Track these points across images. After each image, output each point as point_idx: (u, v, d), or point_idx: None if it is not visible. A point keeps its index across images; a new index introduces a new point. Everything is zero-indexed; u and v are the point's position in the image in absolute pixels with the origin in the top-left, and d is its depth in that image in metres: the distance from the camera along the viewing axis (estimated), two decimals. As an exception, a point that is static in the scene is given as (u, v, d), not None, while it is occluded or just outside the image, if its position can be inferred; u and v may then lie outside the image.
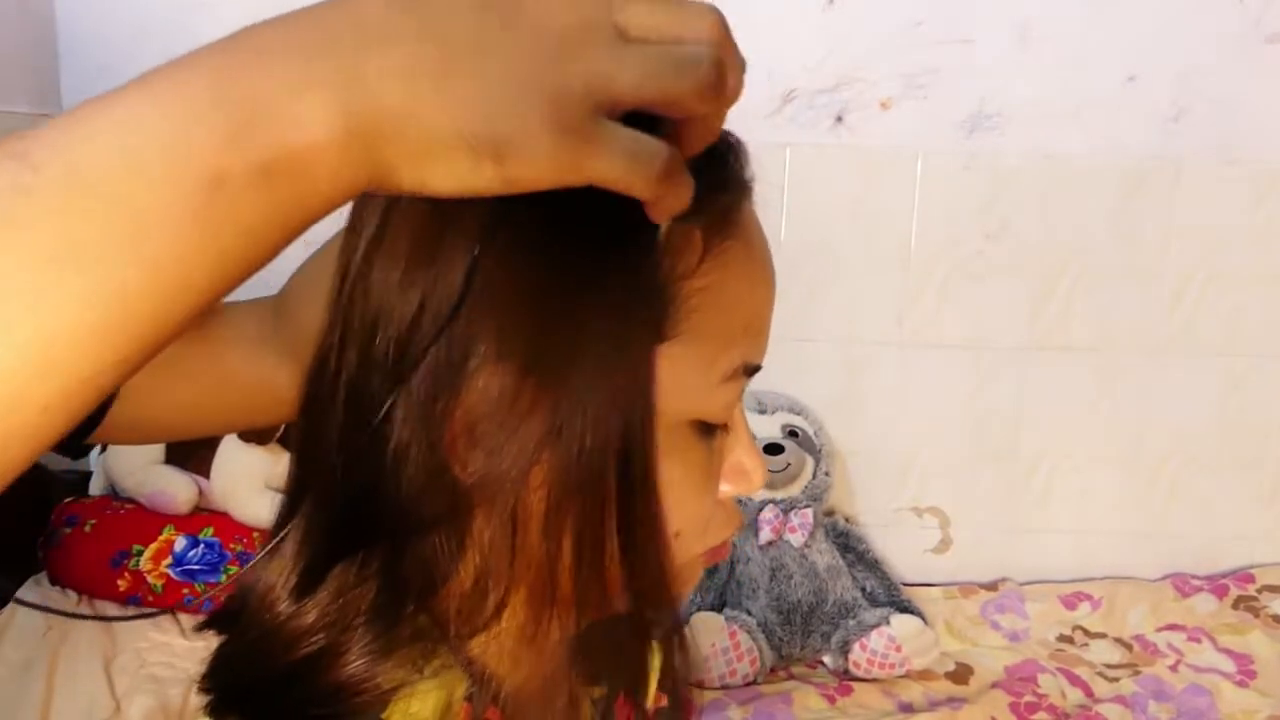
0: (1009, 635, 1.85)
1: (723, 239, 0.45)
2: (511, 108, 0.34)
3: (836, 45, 1.84)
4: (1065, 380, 1.94)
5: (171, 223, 0.31)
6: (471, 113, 0.34)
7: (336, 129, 0.33)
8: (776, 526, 1.78)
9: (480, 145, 0.34)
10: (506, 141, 0.34)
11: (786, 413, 1.89)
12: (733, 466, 0.49)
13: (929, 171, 1.88)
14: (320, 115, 0.33)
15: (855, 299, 1.92)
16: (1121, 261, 1.90)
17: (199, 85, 0.32)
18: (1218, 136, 1.86)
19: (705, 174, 0.44)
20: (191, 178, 0.31)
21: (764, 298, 0.48)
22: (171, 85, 0.32)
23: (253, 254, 0.34)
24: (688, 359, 0.44)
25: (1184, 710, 1.65)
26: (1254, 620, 1.85)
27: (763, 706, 1.60)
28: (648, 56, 0.35)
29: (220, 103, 0.32)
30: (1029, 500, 1.99)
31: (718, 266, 0.44)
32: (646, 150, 0.36)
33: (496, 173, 0.35)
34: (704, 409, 0.46)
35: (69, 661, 1.48)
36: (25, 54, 1.74)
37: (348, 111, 0.33)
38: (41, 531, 1.68)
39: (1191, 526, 1.99)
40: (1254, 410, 1.95)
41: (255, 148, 0.32)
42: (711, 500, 0.48)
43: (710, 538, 0.49)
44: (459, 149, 0.35)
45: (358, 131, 0.34)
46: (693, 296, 0.44)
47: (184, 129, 0.32)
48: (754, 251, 0.47)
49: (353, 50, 0.34)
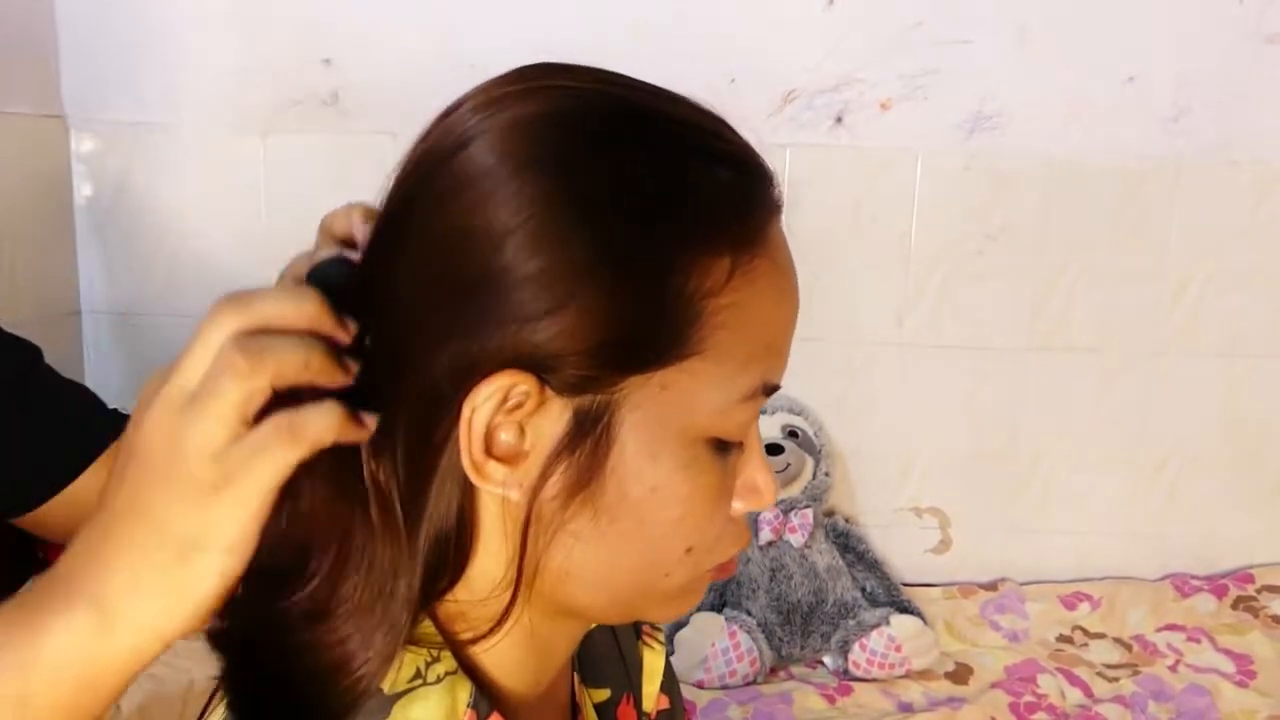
0: (1009, 635, 1.85)
1: (751, 258, 0.45)
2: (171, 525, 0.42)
3: (836, 46, 1.84)
4: (1065, 380, 1.94)
5: None
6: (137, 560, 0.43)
7: None
8: (776, 527, 1.78)
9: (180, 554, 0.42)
10: (193, 544, 0.42)
11: (786, 413, 1.89)
12: (745, 483, 0.49)
13: (929, 172, 1.88)
14: None
15: (855, 299, 1.92)
16: (1121, 261, 1.90)
17: None
18: (1218, 136, 1.86)
19: (736, 195, 0.45)
20: None
21: (788, 317, 0.48)
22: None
23: None
24: (710, 376, 0.44)
25: (1184, 710, 1.65)
26: (1253, 620, 1.85)
27: (763, 706, 1.60)
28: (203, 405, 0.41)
29: None
30: (1029, 500, 1.99)
31: (745, 285, 0.44)
32: (263, 441, 0.41)
33: (215, 554, 0.42)
34: (722, 427, 0.46)
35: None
36: (25, 54, 1.74)
37: None
38: (42, 531, 1.68)
39: (1191, 526, 1.99)
40: (1254, 410, 1.95)
41: None
42: (723, 517, 0.48)
43: (720, 553, 0.49)
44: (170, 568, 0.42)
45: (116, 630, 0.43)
46: (718, 314, 0.44)
47: None
48: (780, 271, 0.47)
49: None
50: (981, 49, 1.84)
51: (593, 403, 0.43)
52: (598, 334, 0.42)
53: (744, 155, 0.47)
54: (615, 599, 0.48)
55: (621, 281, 0.42)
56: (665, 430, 0.44)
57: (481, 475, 0.44)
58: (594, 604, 0.49)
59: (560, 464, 0.44)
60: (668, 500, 0.45)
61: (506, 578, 0.46)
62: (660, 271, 0.43)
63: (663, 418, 0.44)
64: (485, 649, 0.48)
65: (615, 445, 0.44)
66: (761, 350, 0.46)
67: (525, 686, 0.51)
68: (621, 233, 0.42)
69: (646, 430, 0.44)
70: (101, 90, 1.82)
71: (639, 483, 0.44)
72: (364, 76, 1.82)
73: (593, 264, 0.42)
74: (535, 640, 0.50)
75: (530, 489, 0.44)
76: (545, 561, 0.46)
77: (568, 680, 0.58)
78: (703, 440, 0.45)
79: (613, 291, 0.42)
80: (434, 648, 0.46)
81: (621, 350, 0.43)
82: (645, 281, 0.42)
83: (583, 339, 0.42)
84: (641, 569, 0.47)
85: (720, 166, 0.45)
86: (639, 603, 0.49)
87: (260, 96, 1.83)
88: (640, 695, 0.64)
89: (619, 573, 0.47)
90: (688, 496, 0.45)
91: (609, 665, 0.62)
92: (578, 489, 0.44)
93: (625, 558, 0.46)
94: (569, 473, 0.44)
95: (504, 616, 0.46)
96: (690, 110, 0.47)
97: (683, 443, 0.45)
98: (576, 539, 0.45)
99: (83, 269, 1.89)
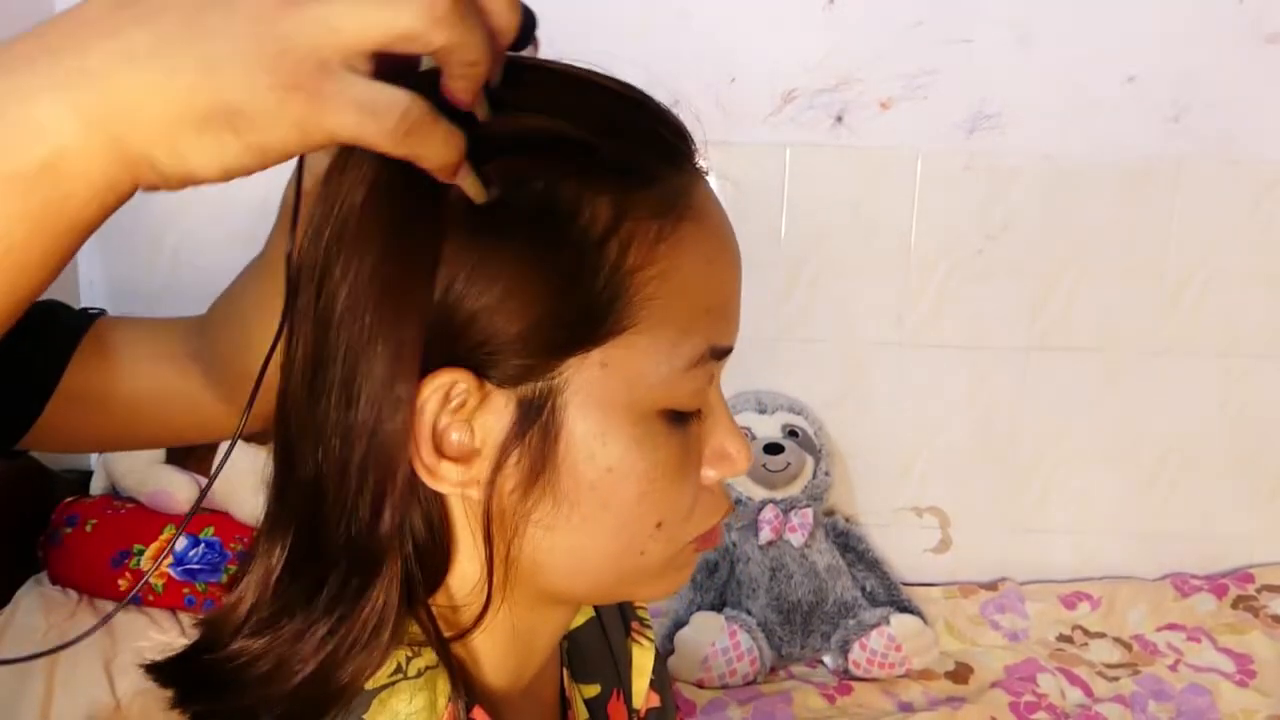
0: (1009, 635, 1.85)
1: (676, 222, 0.44)
2: (236, 75, 0.34)
3: (836, 45, 1.84)
4: (1065, 380, 1.94)
5: None
6: (197, 85, 0.34)
7: (71, 126, 0.34)
8: (776, 526, 1.78)
9: (213, 117, 0.34)
10: (237, 111, 0.34)
11: (786, 413, 1.89)
12: (714, 450, 0.48)
13: (929, 171, 1.88)
14: (52, 116, 0.34)
15: (855, 299, 1.92)
16: (1121, 261, 1.90)
17: None
18: (1218, 136, 1.86)
19: (653, 159, 0.44)
20: None
21: (726, 278, 0.47)
22: None
23: (27, 259, 0.35)
24: (648, 348, 0.44)
25: (1183, 710, 1.65)
26: (1254, 620, 1.86)
27: (763, 706, 1.61)
28: None
29: None
30: (1029, 500, 1.99)
31: (671, 252, 0.44)
32: (382, 100, 0.35)
33: (239, 143, 0.35)
34: (671, 397, 0.45)
35: (69, 661, 1.48)
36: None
37: (78, 106, 0.34)
38: (42, 531, 1.68)
39: (1191, 526, 1.99)
40: (1254, 410, 1.95)
41: None
42: (692, 487, 0.48)
43: (697, 525, 0.49)
44: (196, 124, 0.34)
45: (96, 124, 0.34)
46: (647, 285, 0.43)
47: None
48: (710, 233, 0.46)
49: (76, 49, 0.34)
50: (981, 49, 1.84)
51: (534, 390, 0.43)
52: (525, 320, 0.42)
53: (657, 122, 0.46)
54: (595, 582, 0.48)
55: (542, 262, 0.41)
56: (612, 408, 0.44)
57: (435, 477, 0.43)
58: (574, 589, 0.49)
59: (511, 456, 0.43)
60: (626, 478, 0.44)
61: (482, 576, 0.46)
62: (580, 249, 0.42)
63: (608, 396, 0.43)
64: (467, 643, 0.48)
65: (564, 430, 0.43)
66: (702, 314, 0.45)
67: (509, 680, 0.51)
68: (536, 214, 0.42)
69: (593, 411, 0.43)
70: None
71: (593, 465, 0.44)
72: (364, 76, 1.82)
73: (512, 250, 0.41)
74: (518, 632, 0.50)
75: (487, 485, 0.44)
76: (516, 555, 0.45)
77: (556, 675, 0.58)
78: (654, 413, 0.45)
79: (534, 274, 0.41)
80: (415, 644, 0.46)
81: (552, 333, 0.42)
82: (566, 261, 0.42)
83: (511, 327, 0.42)
84: (614, 550, 0.46)
85: (632, 137, 0.44)
86: (620, 583, 0.49)
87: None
88: (630, 691, 0.64)
89: (592, 556, 0.46)
90: (646, 472, 0.45)
91: (598, 661, 0.62)
92: (534, 478, 0.44)
93: (595, 541, 0.46)
94: (522, 464, 0.43)
95: (482, 613, 0.46)
96: (603, 82, 0.46)
97: (632, 418, 0.44)
98: (543, 528, 0.45)
99: (83, 269, 1.89)
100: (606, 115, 0.44)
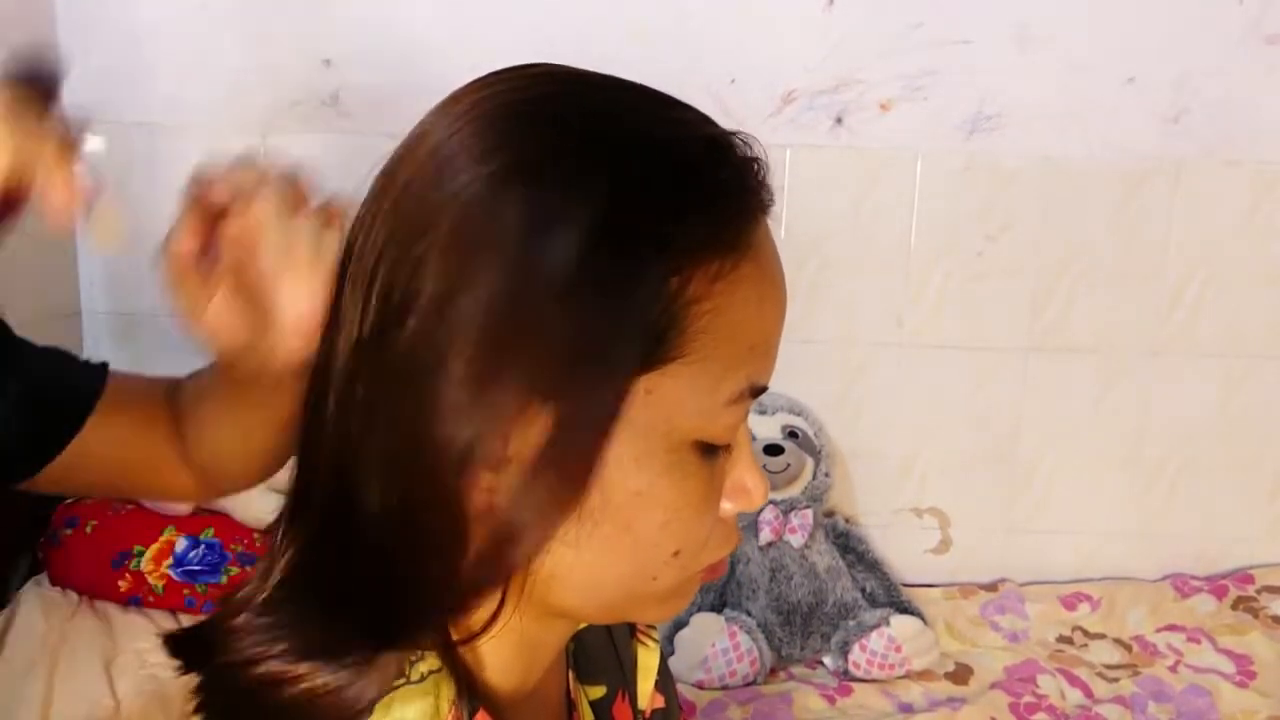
0: (1009, 636, 1.84)
1: (736, 263, 0.44)
2: None
3: (836, 46, 1.84)
4: (1065, 380, 1.94)
5: None
6: None
7: None
8: (776, 527, 1.78)
9: None
10: None
11: (786, 413, 1.89)
12: (734, 484, 0.49)
13: (929, 172, 1.88)
14: None
15: (855, 299, 1.92)
16: (1121, 261, 1.90)
17: None
18: (1218, 137, 1.86)
19: (724, 201, 0.44)
20: None
21: (773, 317, 0.47)
22: None
23: None
24: (694, 380, 0.44)
25: (1183, 711, 1.65)
26: (1254, 621, 1.85)
27: (763, 707, 1.60)
28: None
29: None
30: (1029, 500, 1.99)
31: (728, 289, 0.44)
32: None
33: None
34: (708, 430, 0.45)
35: (69, 662, 1.48)
36: (25, 54, 1.74)
37: None
38: (42, 532, 1.68)
39: (1191, 527, 1.99)
40: (1254, 410, 1.95)
41: None
42: (711, 519, 0.48)
43: (709, 555, 0.49)
44: None
45: None
46: (701, 318, 0.43)
47: None
48: (765, 273, 0.46)
49: None
50: (981, 49, 1.84)
51: (575, 408, 0.43)
52: (578, 342, 0.42)
53: (733, 158, 0.46)
54: (604, 602, 0.48)
55: (601, 289, 0.42)
56: (650, 435, 0.44)
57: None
58: (583, 607, 0.49)
59: (544, 470, 0.43)
60: (652, 504, 0.45)
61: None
62: (642, 279, 0.42)
63: (647, 422, 0.43)
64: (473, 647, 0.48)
65: (599, 450, 0.44)
66: (746, 353, 0.45)
67: (514, 684, 0.51)
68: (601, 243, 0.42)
69: (631, 435, 0.44)
70: (101, 91, 1.82)
71: (624, 487, 0.44)
72: (364, 77, 1.82)
73: (572, 273, 0.41)
74: (525, 640, 0.50)
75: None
76: (536, 566, 0.45)
77: (561, 677, 0.58)
78: (688, 444, 0.45)
79: (592, 300, 0.42)
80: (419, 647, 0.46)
81: (603, 357, 0.42)
82: (625, 289, 0.42)
83: (564, 347, 0.42)
84: (629, 573, 0.46)
85: (707, 174, 0.45)
86: (628, 605, 0.49)
87: (260, 97, 1.83)
88: (635, 693, 0.64)
89: (607, 576, 0.46)
90: (672, 501, 0.45)
91: (604, 662, 0.62)
92: (562, 494, 0.44)
93: (612, 562, 0.46)
94: (553, 479, 0.43)
95: (492, 620, 0.46)
96: (679, 112, 0.47)
97: (667, 447, 0.44)
98: (563, 544, 0.45)
99: (83, 269, 1.89)
100: (698, 150, 0.45)
